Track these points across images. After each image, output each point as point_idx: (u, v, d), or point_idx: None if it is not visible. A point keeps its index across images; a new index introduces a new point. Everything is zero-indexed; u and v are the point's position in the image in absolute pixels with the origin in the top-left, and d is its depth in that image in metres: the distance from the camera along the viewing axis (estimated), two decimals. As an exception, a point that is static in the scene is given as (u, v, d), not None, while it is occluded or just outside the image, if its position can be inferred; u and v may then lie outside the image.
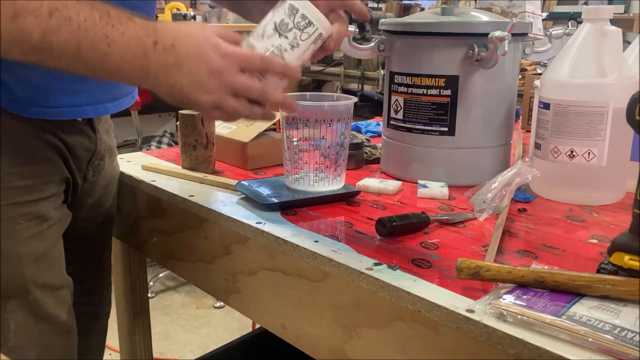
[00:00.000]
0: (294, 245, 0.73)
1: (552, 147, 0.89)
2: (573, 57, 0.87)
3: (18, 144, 0.78)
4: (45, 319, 0.81)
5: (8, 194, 0.76)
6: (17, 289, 0.78)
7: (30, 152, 0.79)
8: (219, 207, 0.86)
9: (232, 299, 0.88)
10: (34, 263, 0.79)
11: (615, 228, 0.79)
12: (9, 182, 0.77)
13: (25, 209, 0.78)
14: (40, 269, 0.80)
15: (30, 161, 0.79)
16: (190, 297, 2.57)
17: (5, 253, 0.77)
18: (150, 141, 2.80)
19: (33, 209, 0.79)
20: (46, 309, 0.81)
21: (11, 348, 0.78)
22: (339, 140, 0.88)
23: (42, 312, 0.81)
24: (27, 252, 0.78)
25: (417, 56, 0.96)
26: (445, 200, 0.91)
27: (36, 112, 0.78)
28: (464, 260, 0.60)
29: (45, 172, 0.81)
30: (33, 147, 0.79)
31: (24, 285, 0.79)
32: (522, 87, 1.45)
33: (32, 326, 0.80)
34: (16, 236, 0.77)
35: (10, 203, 0.77)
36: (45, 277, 0.81)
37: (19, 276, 0.78)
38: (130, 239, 1.12)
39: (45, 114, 0.79)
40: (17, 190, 0.77)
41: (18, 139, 0.78)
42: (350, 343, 0.69)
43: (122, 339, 1.23)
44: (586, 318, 0.53)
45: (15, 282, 0.78)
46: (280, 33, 0.70)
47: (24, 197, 0.78)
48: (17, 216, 0.78)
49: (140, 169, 1.06)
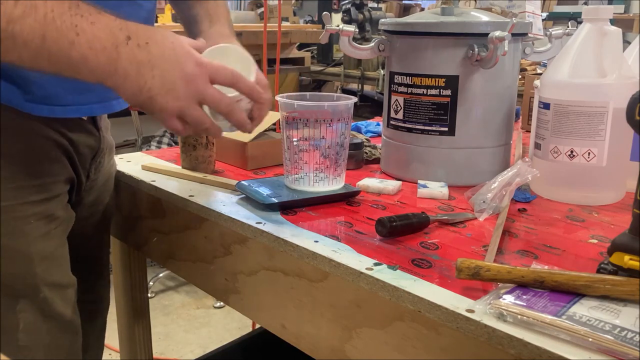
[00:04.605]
0: (294, 246, 0.73)
1: (552, 147, 0.89)
2: (573, 57, 0.87)
3: (28, 143, 0.78)
4: (53, 318, 0.82)
5: (20, 193, 0.77)
6: (27, 288, 0.78)
7: (40, 151, 0.79)
8: (219, 207, 0.86)
9: (232, 299, 0.88)
10: (43, 262, 0.80)
11: (615, 228, 0.79)
12: (20, 181, 0.77)
13: (35, 209, 0.78)
14: (49, 268, 0.81)
15: (39, 161, 0.79)
16: (190, 297, 2.57)
17: (17, 252, 0.77)
18: (150, 141, 2.80)
19: (43, 208, 0.79)
20: (54, 308, 0.81)
21: (21, 347, 0.78)
22: (339, 140, 0.88)
23: (51, 312, 0.81)
24: (37, 252, 0.79)
25: (417, 56, 0.96)
26: (445, 200, 0.91)
27: (47, 111, 0.78)
28: (464, 260, 0.60)
29: (53, 172, 0.81)
30: (42, 147, 0.80)
31: (35, 284, 0.79)
32: (522, 87, 1.45)
33: (40, 326, 0.80)
34: (27, 235, 0.78)
35: (22, 202, 0.77)
36: (54, 276, 0.82)
37: (30, 275, 0.78)
38: (130, 239, 1.12)
39: (55, 112, 0.79)
40: (28, 190, 0.77)
41: (28, 138, 0.78)
42: (350, 343, 0.69)
43: (122, 339, 1.23)
44: (586, 318, 0.53)
45: (26, 281, 0.78)
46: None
47: (35, 196, 0.78)
48: (28, 215, 0.78)
49: (140, 169, 1.06)
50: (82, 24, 0.61)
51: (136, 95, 0.65)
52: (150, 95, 0.65)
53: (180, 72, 0.66)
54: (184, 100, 0.66)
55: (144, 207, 1.04)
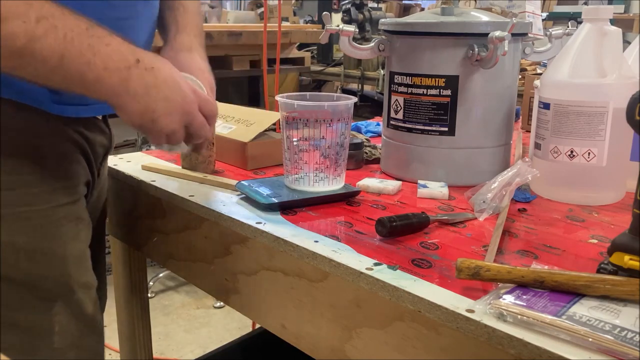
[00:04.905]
0: (294, 245, 0.73)
1: (552, 147, 0.89)
2: (573, 57, 0.87)
3: (56, 145, 0.78)
4: (84, 319, 0.82)
5: (53, 196, 0.77)
6: (63, 290, 0.79)
7: (66, 153, 0.80)
8: (219, 207, 0.86)
9: (232, 299, 0.88)
10: (76, 263, 0.81)
11: (615, 228, 0.79)
12: (53, 184, 0.77)
13: (66, 211, 0.79)
14: (80, 269, 0.82)
15: (65, 162, 0.80)
16: (190, 297, 2.57)
17: (53, 255, 0.77)
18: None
19: (72, 210, 0.80)
20: (85, 308, 0.82)
21: (55, 350, 0.79)
22: (339, 140, 0.88)
23: (81, 312, 0.82)
24: (71, 253, 0.79)
25: (417, 56, 0.96)
26: (445, 200, 0.91)
27: (73, 111, 0.79)
28: (464, 260, 0.60)
29: (77, 173, 0.82)
30: (67, 149, 0.80)
31: (70, 286, 0.80)
32: (522, 87, 1.45)
33: (73, 327, 0.81)
34: (61, 237, 0.78)
35: (55, 205, 0.77)
36: (84, 277, 0.83)
37: (66, 277, 0.79)
38: (130, 239, 1.12)
39: (80, 112, 0.80)
40: (59, 192, 0.78)
41: (56, 140, 0.78)
42: (350, 343, 0.69)
43: (122, 338, 1.23)
44: (586, 318, 0.53)
45: (62, 283, 0.79)
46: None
47: (65, 198, 0.79)
48: (61, 218, 0.78)
49: (140, 169, 1.06)
50: (98, 46, 0.64)
51: (141, 115, 0.69)
52: (153, 117, 0.70)
53: (181, 98, 0.71)
54: (178, 124, 0.72)
55: (144, 207, 1.04)
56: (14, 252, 0.74)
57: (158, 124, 0.70)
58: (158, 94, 0.69)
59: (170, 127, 0.71)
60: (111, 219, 1.12)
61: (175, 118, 0.71)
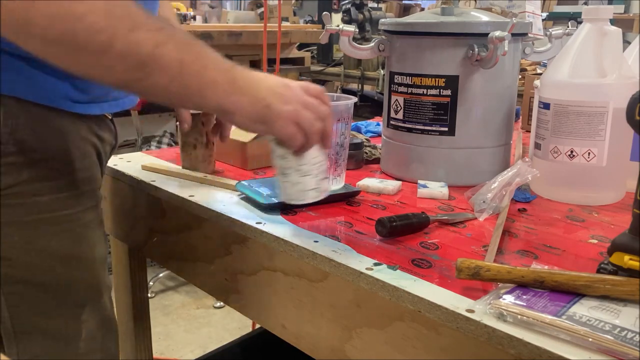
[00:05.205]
0: (294, 245, 0.73)
1: (552, 147, 0.89)
2: (573, 57, 0.87)
3: (80, 148, 0.77)
4: (106, 321, 0.82)
5: (79, 201, 0.77)
6: (92, 293, 0.79)
7: (86, 156, 0.79)
8: (219, 207, 0.86)
9: (232, 299, 0.88)
10: (102, 266, 0.81)
11: (615, 228, 0.79)
12: (79, 187, 0.76)
13: (92, 214, 0.79)
14: (105, 271, 0.82)
15: (87, 165, 0.79)
16: (190, 297, 2.57)
17: (84, 259, 0.77)
18: (150, 141, 2.80)
19: (96, 213, 0.80)
20: (107, 311, 0.82)
21: (79, 355, 0.78)
22: (339, 140, 0.88)
23: (105, 316, 0.82)
24: (98, 257, 0.80)
25: (417, 56, 0.96)
26: (445, 200, 0.91)
27: (97, 109, 0.78)
28: (464, 260, 0.60)
29: (96, 175, 0.81)
30: (88, 150, 0.79)
31: (99, 289, 0.80)
32: (522, 87, 1.45)
33: (98, 331, 0.80)
34: (90, 241, 0.78)
35: (82, 209, 0.77)
36: (108, 279, 0.83)
37: (96, 280, 0.79)
38: (130, 239, 1.12)
39: (104, 109, 0.79)
40: (85, 196, 0.78)
41: (80, 143, 0.77)
42: (350, 343, 0.69)
43: (122, 339, 1.22)
44: (586, 318, 0.53)
45: (94, 286, 0.79)
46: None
47: (90, 202, 0.79)
48: (89, 221, 0.78)
49: (140, 169, 1.06)
50: (205, 50, 0.65)
51: (254, 105, 0.67)
52: (266, 103, 0.68)
53: (281, 82, 0.70)
54: (294, 104, 0.69)
55: (144, 207, 1.04)
56: (48, 258, 0.73)
57: (274, 109, 0.68)
58: (258, 84, 0.68)
59: (288, 108, 0.68)
60: (111, 219, 1.12)
61: (286, 99, 0.69)
